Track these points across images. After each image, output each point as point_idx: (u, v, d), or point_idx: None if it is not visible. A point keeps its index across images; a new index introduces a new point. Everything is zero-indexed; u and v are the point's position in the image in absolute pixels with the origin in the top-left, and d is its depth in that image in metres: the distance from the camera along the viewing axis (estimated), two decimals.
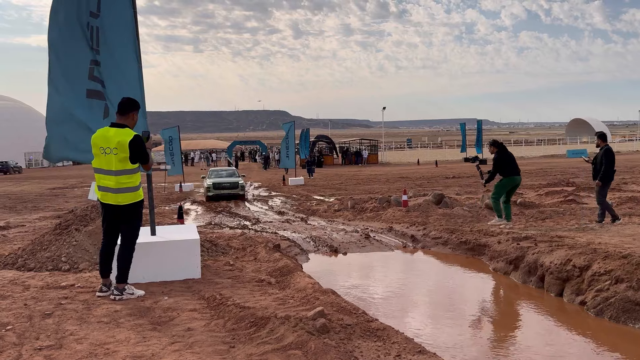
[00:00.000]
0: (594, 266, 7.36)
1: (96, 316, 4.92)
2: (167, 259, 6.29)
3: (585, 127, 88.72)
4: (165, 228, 7.48)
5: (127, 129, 5.66)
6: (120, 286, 5.58)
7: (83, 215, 8.03)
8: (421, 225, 12.06)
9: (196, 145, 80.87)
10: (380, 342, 3.85)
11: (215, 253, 7.90)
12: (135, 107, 5.84)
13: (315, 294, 4.88)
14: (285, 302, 4.93)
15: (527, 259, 8.52)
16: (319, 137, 59.20)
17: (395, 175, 34.59)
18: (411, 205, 15.00)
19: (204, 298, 5.38)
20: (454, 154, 58.15)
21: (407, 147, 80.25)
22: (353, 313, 4.34)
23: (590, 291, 7.18)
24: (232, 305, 4.87)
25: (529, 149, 69.19)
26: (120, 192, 5.56)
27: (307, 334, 3.76)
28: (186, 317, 4.85)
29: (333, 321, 4.09)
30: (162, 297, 5.51)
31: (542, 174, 31.48)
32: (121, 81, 6.61)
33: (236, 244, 8.93)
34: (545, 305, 7.33)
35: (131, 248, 5.70)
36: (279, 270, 6.62)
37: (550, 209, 14.32)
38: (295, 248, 10.16)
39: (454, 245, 10.45)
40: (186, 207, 20.20)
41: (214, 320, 4.67)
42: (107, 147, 5.55)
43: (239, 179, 23.30)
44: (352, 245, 10.81)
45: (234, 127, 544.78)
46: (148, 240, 6.38)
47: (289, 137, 31.45)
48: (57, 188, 29.76)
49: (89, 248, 7.38)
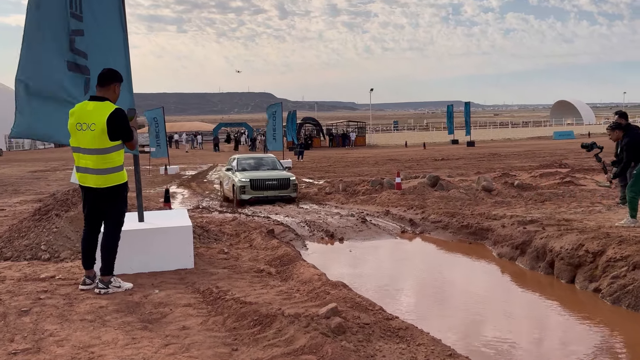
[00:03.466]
0: (608, 251, 6.98)
1: (79, 313, 4.40)
2: (156, 248, 5.75)
3: (570, 109, 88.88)
4: (154, 213, 6.93)
5: (107, 102, 5.09)
6: (105, 279, 5.04)
7: (64, 200, 7.47)
8: (419, 208, 11.64)
9: (180, 128, 79.62)
10: (404, 344, 3.39)
11: (208, 240, 7.38)
12: (117, 79, 5.26)
13: (324, 287, 4.39)
14: (291, 296, 4.44)
15: (535, 243, 8.13)
16: (306, 119, 58.49)
17: (383, 158, 34.21)
18: (406, 188, 14.58)
19: (199, 291, 4.88)
20: (441, 136, 57.87)
21: (394, 129, 79.84)
22: (369, 310, 3.87)
23: (605, 278, 6.81)
24: (232, 300, 4.37)
25: (515, 130, 69.15)
26: (100, 174, 5.01)
27: (321, 336, 3.29)
28: (180, 313, 4.35)
29: (348, 320, 3.62)
30: (153, 291, 5.00)
31: (531, 156, 31.28)
32: (106, 53, 6.01)
33: (229, 229, 8.41)
34: (558, 293, 6.96)
35: (116, 236, 5.16)
36: (278, 259, 6.12)
37: (549, 191, 13.98)
38: (290, 233, 9.69)
39: (454, 230, 10.04)
40: (172, 190, 19.59)
41: (212, 317, 4.18)
42: (84, 123, 4.99)
43: (289, 174, 16.17)
44: (349, 230, 10.35)
45: (218, 110, 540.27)
46: (135, 227, 5.83)
47: (276, 119, 30.83)
48: (39, 171, 28.91)
49: (70, 235, 6.83)
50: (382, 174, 22.40)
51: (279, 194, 15.17)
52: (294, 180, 15.69)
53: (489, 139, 56.16)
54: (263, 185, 15.17)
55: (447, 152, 37.19)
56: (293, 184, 15.50)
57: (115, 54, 6.15)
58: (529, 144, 46.40)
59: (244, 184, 15.06)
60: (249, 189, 14.95)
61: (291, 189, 15.40)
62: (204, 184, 23.50)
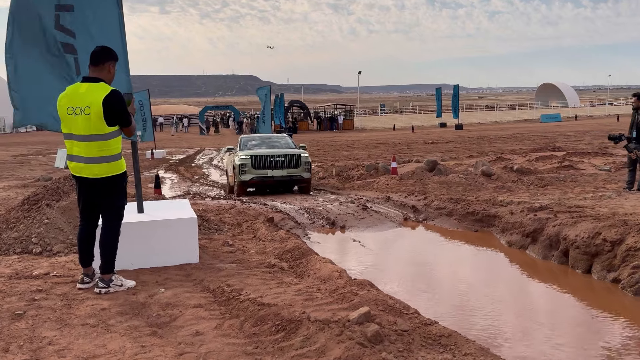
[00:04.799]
0: (628, 240, 6.71)
1: (79, 317, 3.99)
2: (159, 242, 5.32)
3: (555, 92, 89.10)
4: (154, 204, 6.49)
5: (102, 84, 4.61)
6: (106, 277, 4.61)
7: (54, 189, 7.00)
8: (420, 194, 11.31)
9: (165, 111, 78.51)
10: (448, 354, 3.05)
11: (209, 230, 6.98)
12: (112, 57, 4.76)
13: (350, 287, 4.01)
14: (312, 296, 4.07)
15: (548, 231, 7.84)
16: (293, 102, 57.90)
17: (373, 141, 33.91)
18: (404, 173, 14.27)
19: (209, 290, 4.49)
20: (428, 119, 57.67)
21: (381, 112, 79.50)
22: (404, 313, 3.50)
23: (625, 268, 6.54)
24: (247, 300, 3.99)
25: (503, 113, 69.12)
26: (96, 163, 4.55)
27: (358, 346, 2.93)
28: (191, 315, 3.97)
29: (384, 326, 3.26)
30: (158, 289, 4.61)
31: (520, 139, 31.18)
32: (97, 31, 5.53)
33: (229, 219, 8.01)
34: (577, 284, 6.69)
35: (116, 232, 4.73)
36: (289, 252, 5.74)
37: (549, 175, 13.74)
38: (290, 221, 9.31)
39: (459, 217, 9.73)
40: (160, 175, 19.11)
41: (227, 321, 3.80)
42: (77, 107, 4.51)
43: (299, 150, 13.58)
44: (350, 218, 10.01)
45: (202, 92, 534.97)
46: (135, 219, 5.40)
47: (266, 102, 30.36)
48: (21, 155, 28.17)
49: (63, 227, 6.39)
50: (374, 157, 22.09)
51: (288, 173, 12.78)
52: (306, 157, 13.12)
53: (476, 122, 56.05)
54: (267, 163, 12.77)
55: (436, 136, 36.98)
56: (305, 162, 12.95)
57: (109, 32, 5.67)
58: (516, 126, 46.35)
59: (244, 162, 12.71)
60: (249, 168, 12.65)
61: (302, 167, 12.89)
62: (192, 169, 23.06)
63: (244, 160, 12.79)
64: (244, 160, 12.78)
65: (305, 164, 12.97)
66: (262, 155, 12.88)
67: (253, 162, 12.76)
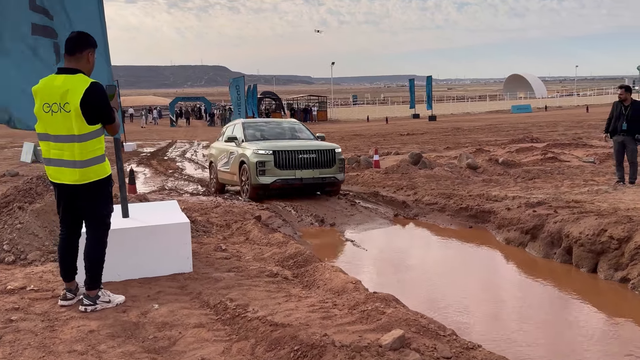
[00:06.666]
0: (636, 237, 6.46)
1: (65, 341, 3.49)
2: (148, 250, 4.81)
3: (523, 83, 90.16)
4: (140, 207, 5.93)
5: (80, 75, 4.04)
6: (92, 293, 4.09)
7: (27, 190, 6.41)
8: (409, 189, 10.97)
9: (133, 102, 76.85)
10: None
11: (197, 232, 6.47)
12: (90, 44, 4.17)
13: (373, 303, 3.59)
14: (330, 313, 3.64)
15: (549, 228, 7.57)
16: (265, 93, 57.19)
17: (348, 133, 33.59)
18: (388, 167, 13.94)
19: (209, 305, 4.02)
20: (402, 111, 57.65)
21: (353, 104, 79.25)
22: (441, 335, 3.09)
23: (634, 266, 6.30)
24: (256, 319, 3.55)
25: (473, 104, 69.55)
26: (78, 167, 4.00)
27: None
28: (193, 337, 3.51)
29: (423, 352, 2.83)
30: (151, 305, 4.12)
31: (494, 130, 31.26)
32: (74, 14, 4.94)
33: (216, 219, 7.51)
34: (584, 285, 6.43)
35: (102, 243, 4.20)
36: (291, 258, 5.28)
37: (535, 167, 13.57)
38: (277, 219, 8.85)
39: (452, 212, 9.42)
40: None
41: (235, 344, 3.35)
42: (53, 103, 3.95)
43: (331, 144, 11.05)
44: (339, 215, 9.60)
45: (170, 83, 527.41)
46: (121, 225, 4.87)
47: (240, 93, 29.82)
48: None
49: (38, 232, 5.83)
50: (351, 150, 21.71)
51: (320, 174, 10.07)
52: (340, 153, 10.57)
53: (448, 113, 56.24)
54: (295, 161, 9.97)
55: (410, 127, 36.89)
56: (340, 160, 10.38)
57: (87, 15, 5.08)
58: (488, 117, 46.61)
59: (264, 159, 9.83)
60: (272, 167, 9.81)
61: (337, 167, 10.29)
62: (166, 162, 22.37)
63: (264, 156, 9.90)
64: (263, 157, 9.89)
65: (340, 161, 10.42)
66: (288, 151, 10.02)
67: (277, 159, 9.90)
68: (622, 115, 10.02)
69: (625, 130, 9.92)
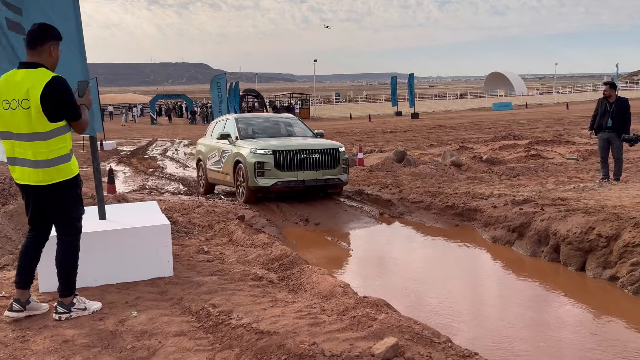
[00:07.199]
0: (624, 235, 6.40)
1: (37, 353, 3.28)
2: (126, 253, 4.59)
3: (503, 80, 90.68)
4: (117, 208, 5.71)
5: (42, 69, 3.81)
6: (66, 300, 3.86)
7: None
8: (394, 187, 10.85)
9: (113, 100, 75.91)
10: None
11: (178, 234, 6.27)
12: (53, 36, 3.92)
13: (364, 309, 3.43)
14: (318, 319, 3.46)
15: (536, 226, 7.50)
16: (247, 91, 56.80)
17: (331, 130, 33.44)
18: (373, 165, 13.82)
19: (191, 312, 3.83)
20: (384, 108, 57.70)
21: (336, 101, 79.12)
22: (435, 342, 2.94)
23: (622, 265, 6.24)
24: (240, 326, 3.37)
25: (455, 102, 69.85)
26: (41, 167, 3.78)
27: None
28: (173, 347, 3.32)
29: None
30: (129, 312, 3.92)
31: (476, 127, 31.39)
32: (47, 5, 4.71)
33: (198, 219, 7.30)
34: (573, 283, 6.35)
35: (74, 248, 3.98)
36: (276, 260, 5.10)
37: (519, 165, 13.56)
38: (261, 218, 8.67)
39: (438, 210, 9.32)
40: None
41: (219, 354, 3.17)
42: (12, 99, 3.73)
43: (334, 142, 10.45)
44: (324, 214, 9.41)
45: (151, 81, 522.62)
46: (97, 227, 4.66)
47: (221, 91, 29.50)
48: None
49: (11, 235, 5.59)
50: None
51: (323, 176, 9.42)
52: (344, 152, 9.91)
53: (430, 110, 56.42)
54: (296, 162, 9.27)
55: (393, 125, 36.90)
56: (344, 160, 9.73)
57: (60, 8, 4.84)
58: (470, 115, 46.83)
59: (264, 159, 9.15)
60: (272, 168, 9.14)
61: (340, 167, 9.66)
62: (146, 161, 22.04)
63: (263, 156, 9.21)
64: (262, 157, 9.19)
65: (344, 161, 9.75)
66: (288, 151, 9.31)
67: (277, 160, 9.21)
68: (607, 112, 10.00)
69: (610, 127, 9.90)
